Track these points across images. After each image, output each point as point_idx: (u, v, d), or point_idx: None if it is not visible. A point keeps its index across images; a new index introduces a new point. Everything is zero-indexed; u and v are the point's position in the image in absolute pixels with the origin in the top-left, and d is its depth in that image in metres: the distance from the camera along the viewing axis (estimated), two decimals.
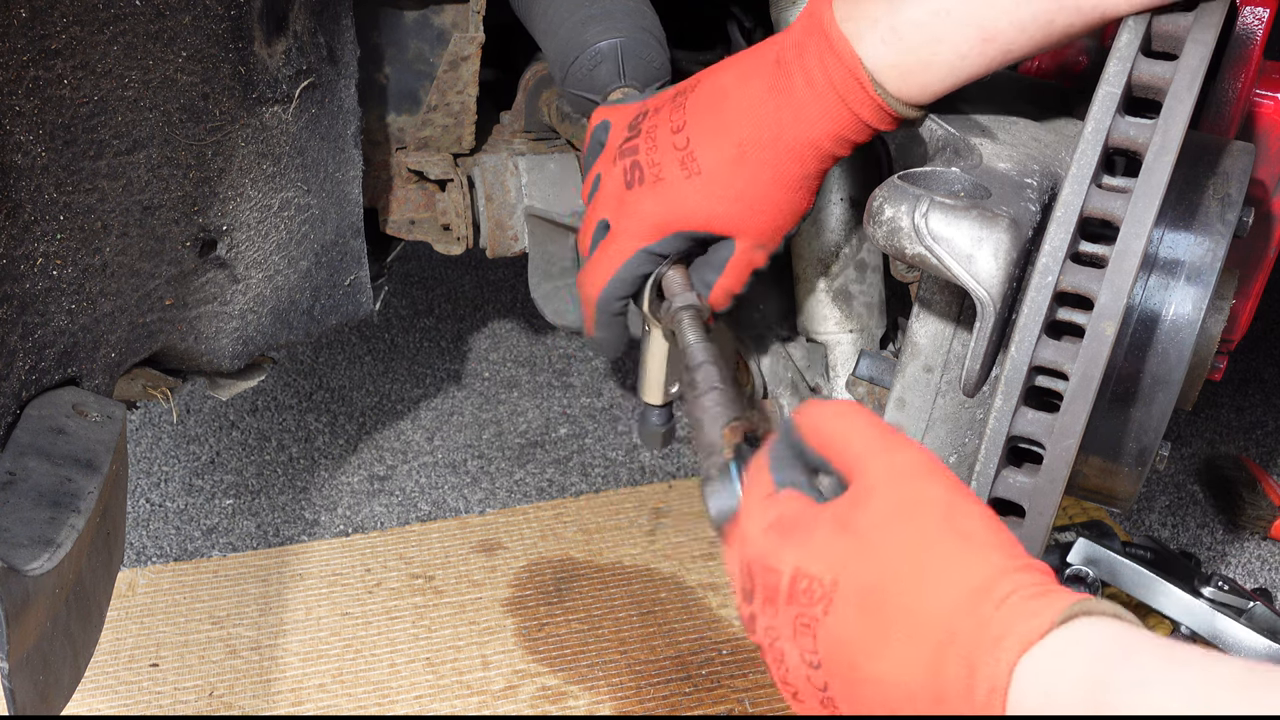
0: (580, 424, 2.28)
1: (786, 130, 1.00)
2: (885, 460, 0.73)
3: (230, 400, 2.14)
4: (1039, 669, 0.62)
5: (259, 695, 1.66)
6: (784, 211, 1.04)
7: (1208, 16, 0.86)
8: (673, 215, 1.05)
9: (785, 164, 1.01)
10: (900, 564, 0.68)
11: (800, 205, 1.05)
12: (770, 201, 1.03)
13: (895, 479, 0.72)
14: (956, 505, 0.70)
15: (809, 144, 1.00)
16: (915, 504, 0.70)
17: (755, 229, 1.05)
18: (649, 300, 1.11)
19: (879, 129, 0.98)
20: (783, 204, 1.04)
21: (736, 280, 1.09)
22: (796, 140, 1.00)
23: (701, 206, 1.04)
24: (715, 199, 1.04)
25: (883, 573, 0.68)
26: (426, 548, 1.94)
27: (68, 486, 0.99)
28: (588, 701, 1.65)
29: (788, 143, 1.00)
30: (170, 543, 1.95)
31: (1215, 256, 0.95)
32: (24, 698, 0.92)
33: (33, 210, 0.97)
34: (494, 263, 2.74)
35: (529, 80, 1.55)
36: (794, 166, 1.01)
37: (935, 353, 1.00)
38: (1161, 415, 0.96)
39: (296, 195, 1.27)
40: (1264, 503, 1.98)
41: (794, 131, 0.99)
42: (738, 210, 1.04)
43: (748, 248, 1.06)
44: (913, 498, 0.71)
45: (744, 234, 1.06)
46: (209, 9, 1.07)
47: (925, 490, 0.71)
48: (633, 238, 1.08)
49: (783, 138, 1.00)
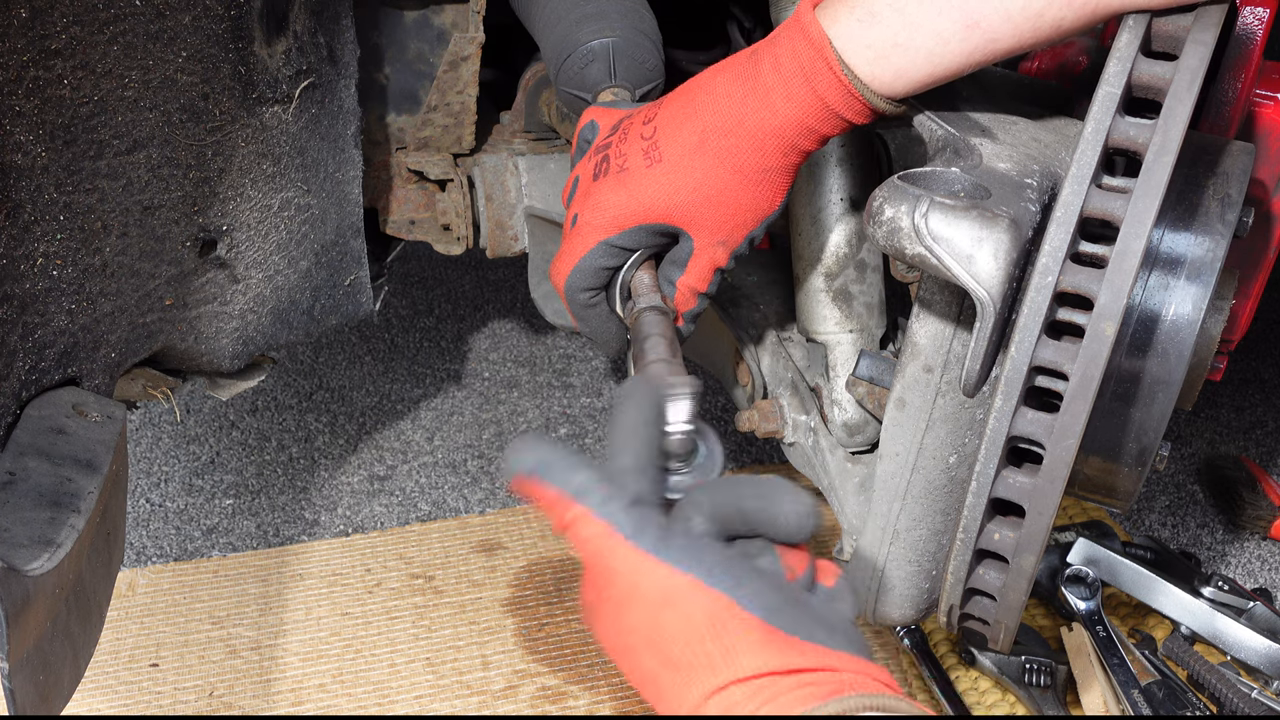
0: (580, 424, 2.28)
1: (749, 116, 0.96)
2: (604, 588, 0.72)
3: (230, 400, 2.14)
4: None
5: (259, 695, 1.66)
6: (744, 207, 1.00)
7: (1208, 17, 0.86)
8: (632, 206, 1.02)
9: (745, 154, 0.97)
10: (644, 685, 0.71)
11: (761, 202, 1.00)
12: (729, 194, 0.99)
13: (614, 609, 0.72)
14: (661, 634, 0.69)
15: (771, 132, 0.96)
16: (628, 636, 0.71)
17: (713, 223, 1.01)
18: (621, 303, 1.09)
19: (849, 119, 0.94)
20: (743, 199, 1.00)
21: (698, 278, 1.05)
22: (758, 127, 0.96)
23: (659, 197, 1.01)
24: (673, 188, 1.00)
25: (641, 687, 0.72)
26: (426, 548, 1.94)
27: (68, 486, 0.99)
28: (588, 701, 1.65)
29: (749, 130, 0.96)
30: (170, 543, 1.95)
31: (1215, 256, 0.95)
32: (24, 698, 0.92)
33: (33, 210, 0.97)
34: (494, 263, 2.75)
35: (529, 80, 1.55)
36: (754, 157, 0.97)
37: (935, 353, 1.00)
38: (1161, 415, 0.96)
39: (296, 195, 1.27)
40: (1264, 503, 1.98)
41: (756, 118, 0.96)
42: (694, 201, 1.00)
43: (707, 244, 1.03)
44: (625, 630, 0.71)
45: (701, 228, 1.02)
46: (209, 9, 1.07)
47: (634, 620, 0.70)
48: (594, 230, 1.05)
49: (744, 124, 0.96)
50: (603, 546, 0.72)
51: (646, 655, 0.69)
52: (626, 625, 0.70)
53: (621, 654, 0.72)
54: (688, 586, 0.68)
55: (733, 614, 0.67)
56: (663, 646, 0.68)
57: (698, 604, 0.68)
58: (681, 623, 0.68)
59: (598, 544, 0.72)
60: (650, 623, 0.69)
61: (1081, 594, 1.69)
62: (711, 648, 0.67)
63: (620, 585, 0.71)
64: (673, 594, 0.68)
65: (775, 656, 0.66)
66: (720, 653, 0.66)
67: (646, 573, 0.69)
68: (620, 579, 0.70)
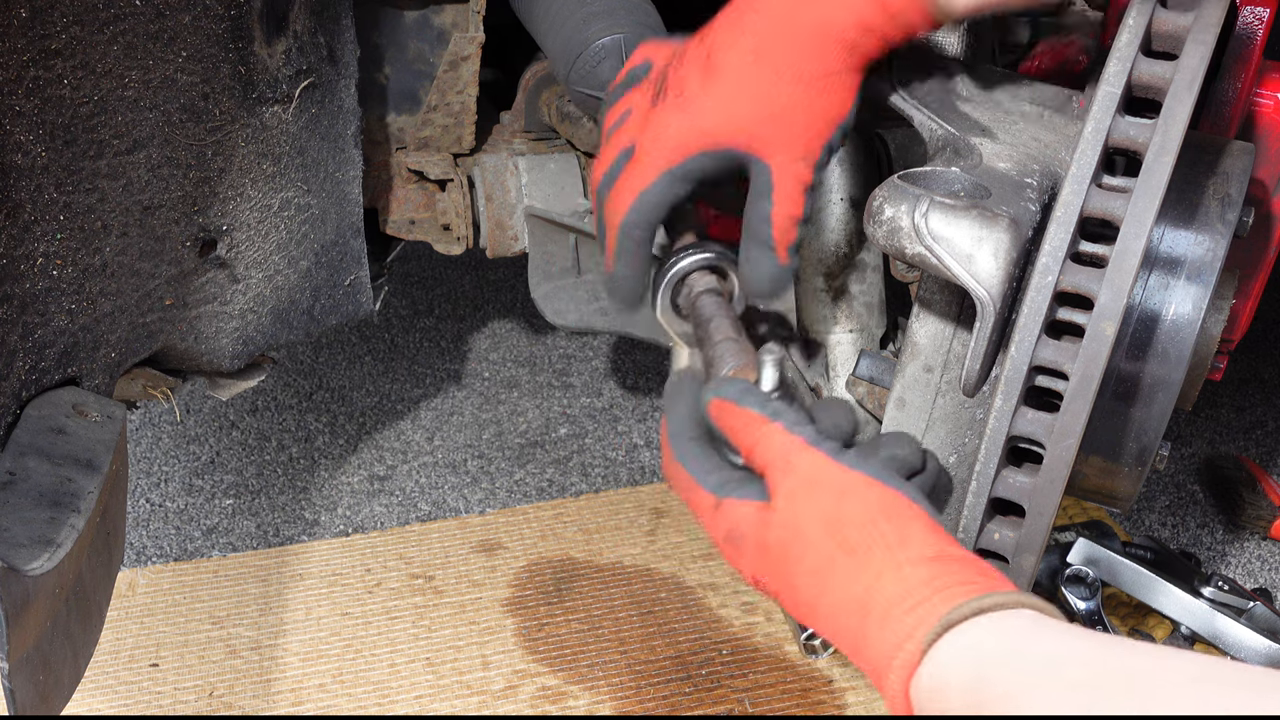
0: (580, 424, 2.28)
1: (802, 16, 0.90)
2: (781, 481, 0.78)
3: (230, 400, 2.14)
4: (926, 687, 0.67)
5: (259, 695, 1.66)
6: (814, 116, 0.92)
7: (1208, 16, 0.86)
8: (695, 130, 0.94)
9: (805, 59, 0.90)
10: (806, 584, 0.76)
11: (831, 109, 0.93)
12: (796, 106, 0.91)
13: (790, 500, 0.77)
14: (838, 517, 0.74)
15: (829, 33, 0.90)
16: (804, 526, 0.76)
17: (785, 140, 0.93)
18: (664, 306, 1.05)
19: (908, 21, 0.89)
20: (812, 107, 0.92)
21: (791, 203, 0.95)
22: (813, 27, 0.90)
23: (723, 119, 0.93)
24: (735, 108, 0.93)
25: (797, 592, 0.77)
26: (426, 548, 1.94)
27: (68, 486, 0.99)
28: (588, 701, 1.65)
29: (805, 31, 0.90)
30: (170, 543, 1.95)
31: (1215, 256, 0.95)
32: (24, 698, 0.92)
33: (33, 210, 0.97)
34: (494, 263, 2.74)
35: (529, 80, 1.55)
36: (815, 62, 0.90)
37: (935, 353, 1.00)
38: (1161, 415, 0.96)
39: (296, 195, 1.27)
40: (1264, 503, 1.98)
41: (809, 16, 0.90)
42: (760, 118, 0.92)
43: (786, 163, 0.93)
44: (803, 520, 0.76)
45: (774, 148, 0.93)
46: (209, 9, 1.07)
47: (810, 510, 0.76)
48: (656, 158, 0.96)
49: (799, 26, 0.90)
50: (791, 452, 0.78)
51: (823, 542, 0.74)
52: (807, 516, 0.75)
53: (787, 553, 0.76)
54: (864, 482, 0.75)
55: (903, 503, 0.74)
56: (841, 530, 0.74)
57: (874, 494, 0.75)
58: (860, 508, 0.74)
59: (786, 450, 0.78)
60: (831, 510, 0.75)
61: (1081, 594, 1.69)
62: (887, 529, 0.73)
63: (803, 479, 0.77)
64: (851, 486, 0.75)
65: (943, 542, 0.73)
66: (895, 534, 0.72)
67: (829, 470, 0.76)
68: (804, 475, 0.77)
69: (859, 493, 0.75)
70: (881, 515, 0.73)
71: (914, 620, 0.68)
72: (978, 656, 0.65)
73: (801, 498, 0.76)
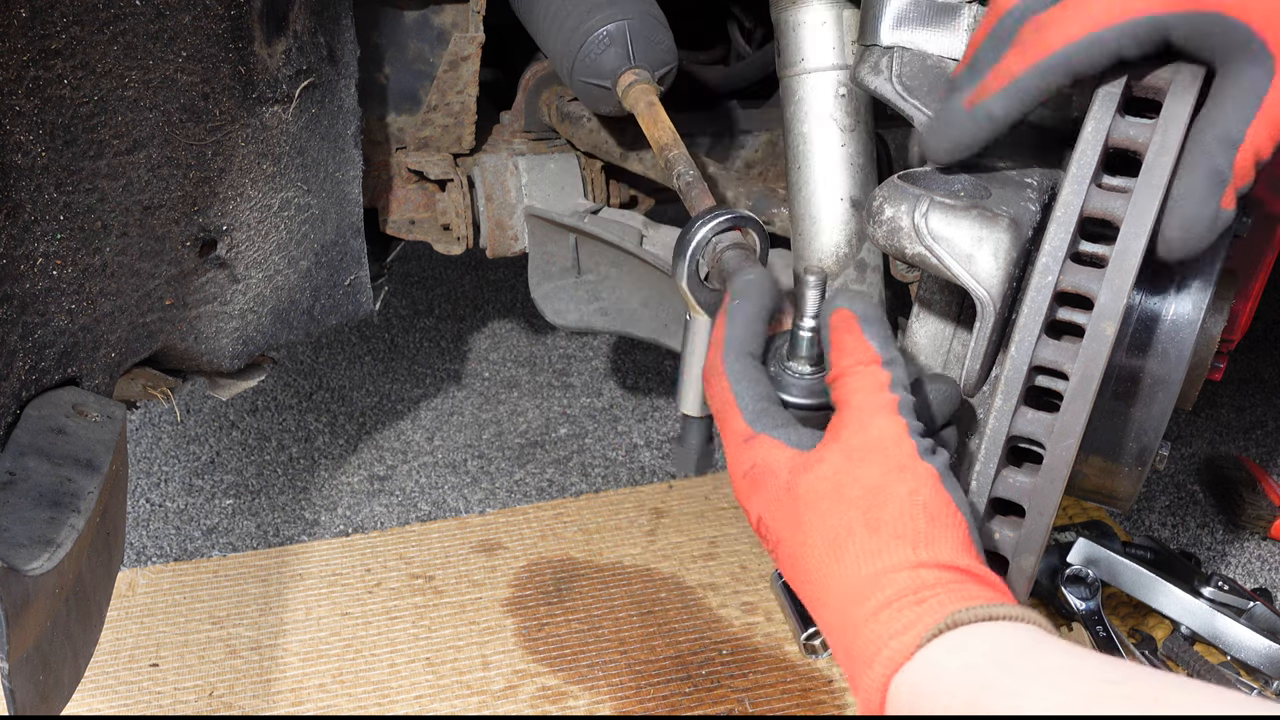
0: (580, 424, 2.28)
1: None
2: (849, 431, 0.76)
3: (230, 400, 2.14)
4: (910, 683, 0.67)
5: (259, 695, 1.66)
6: None
7: None
8: None
9: None
10: (816, 543, 0.74)
11: None
12: None
13: (845, 455, 0.75)
14: (882, 491, 0.73)
15: None
16: (846, 484, 0.74)
17: None
18: (689, 276, 1.00)
19: None
20: None
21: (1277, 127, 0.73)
22: None
23: None
24: None
25: (803, 548, 0.75)
26: (426, 548, 1.94)
27: (68, 486, 0.99)
28: (588, 701, 1.65)
29: None
30: (170, 543, 1.95)
31: (1215, 256, 0.95)
32: (24, 698, 0.92)
33: (33, 210, 0.97)
34: (494, 263, 2.75)
35: (529, 80, 1.55)
36: None
37: (935, 352, 1.00)
38: (1161, 415, 0.95)
39: (296, 195, 1.27)
40: (1264, 503, 1.98)
41: None
42: None
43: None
44: (847, 478, 0.74)
45: None
46: (209, 9, 1.07)
47: (860, 472, 0.74)
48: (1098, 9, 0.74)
49: None
50: (878, 411, 0.76)
51: (854, 510, 0.73)
52: (852, 478, 0.74)
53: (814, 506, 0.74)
54: (925, 473, 0.74)
55: (949, 510, 0.73)
56: (879, 508, 0.72)
57: (927, 486, 0.73)
58: (906, 493, 0.73)
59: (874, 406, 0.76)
60: (879, 484, 0.73)
61: (1081, 594, 1.69)
62: (922, 525, 0.72)
63: (870, 442, 0.75)
64: (910, 472, 0.74)
65: (970, 558, 0.72)
66: (926, 533, 0.71)
67: (900, 448, 0.74)
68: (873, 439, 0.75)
69: (913, 482, 0.73)
70: (924, 513, 0.73)
71: (913, 615, 0.68)
72: (975, 660, 0.65)
73: (857, 459, 0.74)
